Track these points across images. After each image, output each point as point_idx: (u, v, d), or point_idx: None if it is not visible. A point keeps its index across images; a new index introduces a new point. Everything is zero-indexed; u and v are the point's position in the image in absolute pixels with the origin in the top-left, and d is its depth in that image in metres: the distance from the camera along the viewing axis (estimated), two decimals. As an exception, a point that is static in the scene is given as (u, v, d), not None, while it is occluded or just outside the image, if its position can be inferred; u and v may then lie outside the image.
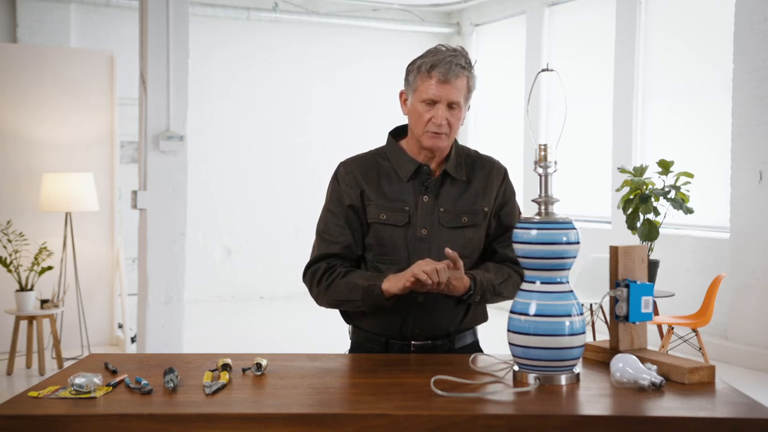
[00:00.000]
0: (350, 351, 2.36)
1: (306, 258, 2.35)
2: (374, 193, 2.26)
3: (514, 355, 1.94)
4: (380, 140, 2.39)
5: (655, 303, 4.96)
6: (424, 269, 2.05)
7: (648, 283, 2.07)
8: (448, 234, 2.24)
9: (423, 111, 2.19)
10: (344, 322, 2.40)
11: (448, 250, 2.10)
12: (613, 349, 2.07)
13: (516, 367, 1.95)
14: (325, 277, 2.24)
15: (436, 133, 2.19)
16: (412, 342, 2.26)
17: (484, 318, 2.37)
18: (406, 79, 2.25)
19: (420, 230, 2.24)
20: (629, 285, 2.04)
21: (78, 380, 1.79)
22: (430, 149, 2.23)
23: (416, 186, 2.26)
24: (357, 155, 2.36)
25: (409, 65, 2.25)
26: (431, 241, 2.23)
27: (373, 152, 2.35)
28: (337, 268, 2.24)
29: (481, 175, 2.30)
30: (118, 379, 1.89)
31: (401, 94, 2.28)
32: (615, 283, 2.07)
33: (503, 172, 2.34)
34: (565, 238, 1.90)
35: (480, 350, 2.34)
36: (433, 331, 2.26)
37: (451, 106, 2.18)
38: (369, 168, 2.29)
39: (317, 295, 2.27)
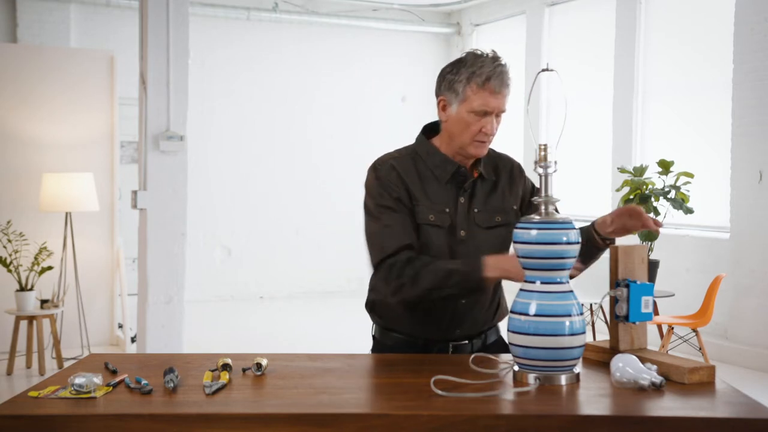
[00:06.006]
0: (377, 352, 2.35)
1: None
2: (419, 194, 2.23)
3: (514, 355, 1.94)
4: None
5: (655, 303, 4.96)
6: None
7: (648, 283, 2.07)
8: (485, 234, 2.25)
9: (472, 121, 2.18)
10: (377, 325, 2.35)
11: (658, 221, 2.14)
12: (613, 349, 2.07)
13: (516, 367, 1.95)
14: (408, 268, 2.14)
15: (483, 141, 2.21)
16: (451, 343, 2.27)
17: (506, 314, 2.37)
18: (451, 88, 2.20)
19: (459, 232, 2.24)
20: (629, 285, 2.04)
21: (78, 380, 1.79)
22: (475, 156, 2.24)
23: (453, 187, 2.26)
24: (387, 154, 2.30)
25: (450, 74, 2.21)
26: (469, 242, 2.24)
27: (403, 152, 2.31)
28: (416, 260, 2.15)
29: (505, 173, 2.33)
30: (118, 379, 1.89)
31: (440, 100, 2.25)
32: (615, 283, 2.07)
33: (521, 169, 2.38)
34: (565, 238, 1.90)
35: (505, 347, 2.33)
36: (471, 330, 2.29)
37: (498, 114, 2.20)
38: (408, 168, 2.26)
39: (399, 287, 2.15)
